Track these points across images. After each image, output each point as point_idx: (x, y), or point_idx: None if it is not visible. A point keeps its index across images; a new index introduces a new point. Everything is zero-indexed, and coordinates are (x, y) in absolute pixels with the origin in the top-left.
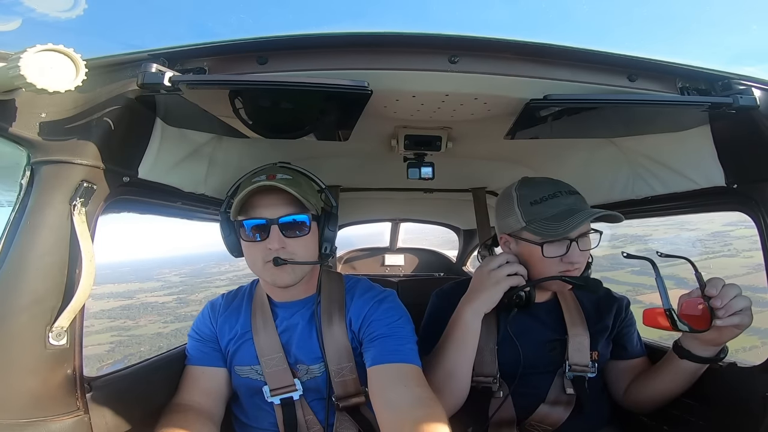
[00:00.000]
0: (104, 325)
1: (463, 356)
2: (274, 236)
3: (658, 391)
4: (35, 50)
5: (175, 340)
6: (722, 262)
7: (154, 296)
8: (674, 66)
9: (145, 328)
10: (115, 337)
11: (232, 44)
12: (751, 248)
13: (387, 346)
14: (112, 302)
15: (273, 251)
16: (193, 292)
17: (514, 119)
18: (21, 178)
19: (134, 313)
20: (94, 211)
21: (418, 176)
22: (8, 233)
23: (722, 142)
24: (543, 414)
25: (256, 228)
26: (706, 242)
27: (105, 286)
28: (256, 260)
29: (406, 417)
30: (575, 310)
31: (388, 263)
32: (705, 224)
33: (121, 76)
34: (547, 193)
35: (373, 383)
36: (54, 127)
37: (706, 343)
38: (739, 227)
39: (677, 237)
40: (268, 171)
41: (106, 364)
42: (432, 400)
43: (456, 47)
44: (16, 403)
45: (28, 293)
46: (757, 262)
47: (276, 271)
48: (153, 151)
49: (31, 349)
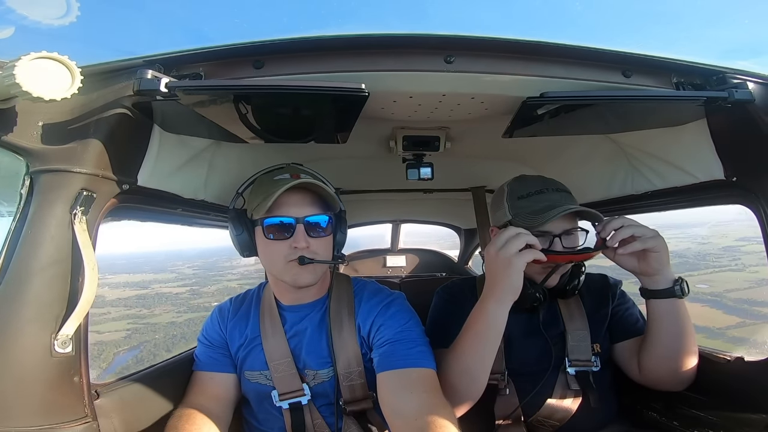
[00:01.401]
0: (121, 313)
1: (487, 352)
2: (300, 235)
3: (655, 346)
4: (30, 58)
5: (188, 329)
6: (726, 276)
7: (168, 287)
8: (669, 61)
9: (159, 317)
10: (131, 325)
11: (227, 49)
12: (758, 263)
13: (396, 351)
14: (128, 291)
15: (299, 250)
16: (206, 284)
17: (512, 118)
18: (20, 187)
19: (149, 302)
20: (95, 219)
21: (418, 177)
22: (10, 243)
23: (719, 135)
24: (550, 410)
25: (282, 226)
26: (716, 256)
27: (120, 276)
28: (278, 259)
29: (411, 425)
30: (574, 304)
31: (389, 264)
32: (718, 239)
33: (117, 82)
34: (534, 189)
35: (381, 390)
36: (51, 136)
37: (648, 276)
38: (751, 242)
39: (687, 250)
40: (290, 170)
41: (122, 349)
42: (438, 405)
43: (451, 47)
44: (24, 412)
45: (32, 302)
46: (761, 277)
47: (300, 270)
48: (152, 158)
49: (37, 358)
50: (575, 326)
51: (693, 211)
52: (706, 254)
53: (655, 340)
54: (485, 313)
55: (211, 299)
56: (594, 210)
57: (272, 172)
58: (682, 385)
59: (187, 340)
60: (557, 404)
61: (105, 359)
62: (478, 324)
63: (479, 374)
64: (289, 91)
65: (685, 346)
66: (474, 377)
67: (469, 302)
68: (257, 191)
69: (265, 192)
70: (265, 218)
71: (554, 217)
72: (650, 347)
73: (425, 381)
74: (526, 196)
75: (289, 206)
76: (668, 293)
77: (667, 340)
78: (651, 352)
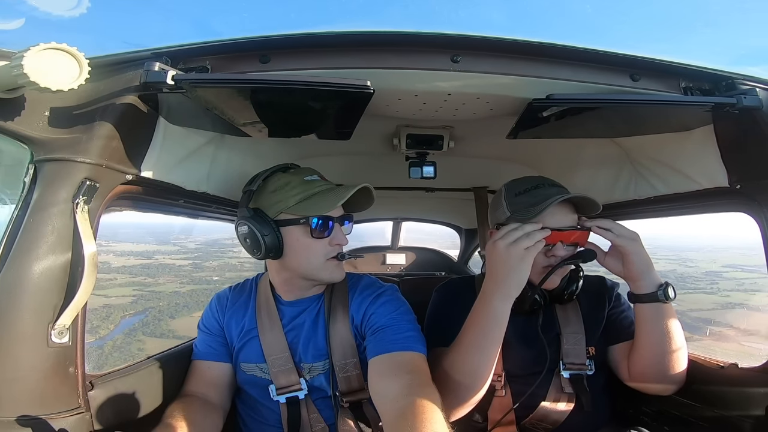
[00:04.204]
0: (126, 280)
1: (493, 349)
2: (339, 233)
3: (641, 349)
4: (38, 49)
5: (190, 299)
6: (697, 297)
7: (171, 259)
8: (678, 66)
9: (163, 286)
10: (137, 291)
11: (234, 43)
12: (733, 289)
13: (385, 336)
14: (133, 260)
15: (339, 247)
16: (208, 259)
17: (517, 119)
18: (24, 175)
19: (153, 271)
20: (97, 209)
21: (420, 175)
22: (11, 230)
23: (726, 142)
24: (543, 413)
25: (325, 225)
26: (696, 279)
27: (124, 244)
28: (317, 257)
29: (394, 406)
30: (570, 307)
31: (389, 262)
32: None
33: (124, 74)
34: (530, 185)
35: (370, 375)
36: (57, 126)
37: (632, 280)
38: (736, 270)
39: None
40: (309, 172)
41: (128, 313)
42: (421, 386)
43: (458, 46)
44: (18, 401)
45: (31, 291)
46: (728, 301)
47: (338, 266)
48: (156, 150)
49: (33, 347)
50: (571, 329)
51: (695, 236)
52: (687, 276)
53: (641, 343)
54: (490, 309)
55: (212, 273)
56: (589, 196)
57: (301, 173)
58: (669, 390)
59: (189, 309)
60: (551, 407)
61: (113, 321)
62: (483, 321)
63: (484, 371)
64: (294, 86)
65: (670, 350)
66: (480, 375)
67: (468, 301)
68: (289, 191)
69: (308, 191)
70: (314, 217)
71: (552, 203)
72: (637, 350)
73: (411, 363)
74: (523, 192)
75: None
76: (651, 297)
77: (653, 344)
78: (638, 355)
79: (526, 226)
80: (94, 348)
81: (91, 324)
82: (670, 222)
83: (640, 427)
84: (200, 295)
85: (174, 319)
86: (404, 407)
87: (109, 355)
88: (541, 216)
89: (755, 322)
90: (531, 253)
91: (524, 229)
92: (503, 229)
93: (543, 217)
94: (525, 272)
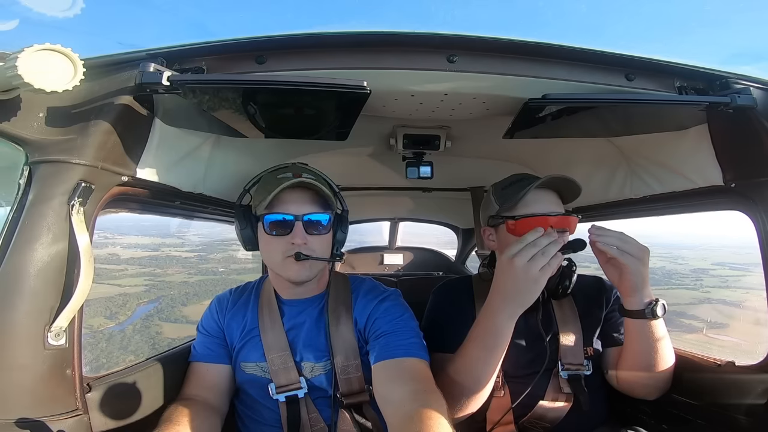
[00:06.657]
0: (137, 271)
1: (496, 361)
2: (298, 232)
3: (628, 358)
4: (33, 50)
5: (199, 288)
6: (678, 293)
7: (177, 251)
8: (672, 65)
9: (173, 277)
10: (148, 281)
11: (230, 44)
12: (716, 286)
13: (390, 342)
14: (141, 252)
15: (296, 246)
16: (212, 252)
17: (513, 119)
18: (19, 177)
19: (161, 263)
20: (93, 211)
21: (417, 175)
22: (6, 233)
23: (720, 141)
24: (541, 412)
25: (282, 223)
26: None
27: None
28: (276, 254)
29: (400, 411)
30: (568, 307)
31: (386, 262)
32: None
33: (119, 75)
34: (516, 179)
35: (375, 380)
36: (51, 127)
37: (624, 295)
38: (724, 268)
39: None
40: (293, 169)
41: (143, 301)
42: (427, 392)
43: (454, 46)
44: (15, 403)
45: (27, 293)
46: (706, 297)
47: (296, 266)
48: (151, 151)
49: (30, 349)
50: (568, 329)
51: (690, 234)
52: (674, 273)
53: (628, 353)
54: (495, 325)
55: (218, 265)
56: (568, 176)
57: (277, 171)
58: (652, 396)
59: (199, 297)
60: (549, 407)
61: (129, 308)
62: (488, 337)
63: (488, 379)
64: (290, 87)
65: (654, 363)
66: (484, 382)
67: (467, 303)
68: (261, 188)
69: (268, 189)
70: (266, 214)
71: (534, 185)
72: (624, 359)
73: (416, 369)
74: (509, 185)
75: (290, 204)
76: (638, 314)
77: (638, 355)
78: (624, 363)
79: (540, 240)
80: (117, 332)
81: (111, 311)
82: (667, 220)
83: (637, 426)
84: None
85: (186, 306)
86: (411, 412)
87: (131, 337)
88: (525, 201)
89: (724, 316)
90: (546, 273)
91: (539, 244)
92: (516, 244)
93: (528, 204)
94: (536, 294)
